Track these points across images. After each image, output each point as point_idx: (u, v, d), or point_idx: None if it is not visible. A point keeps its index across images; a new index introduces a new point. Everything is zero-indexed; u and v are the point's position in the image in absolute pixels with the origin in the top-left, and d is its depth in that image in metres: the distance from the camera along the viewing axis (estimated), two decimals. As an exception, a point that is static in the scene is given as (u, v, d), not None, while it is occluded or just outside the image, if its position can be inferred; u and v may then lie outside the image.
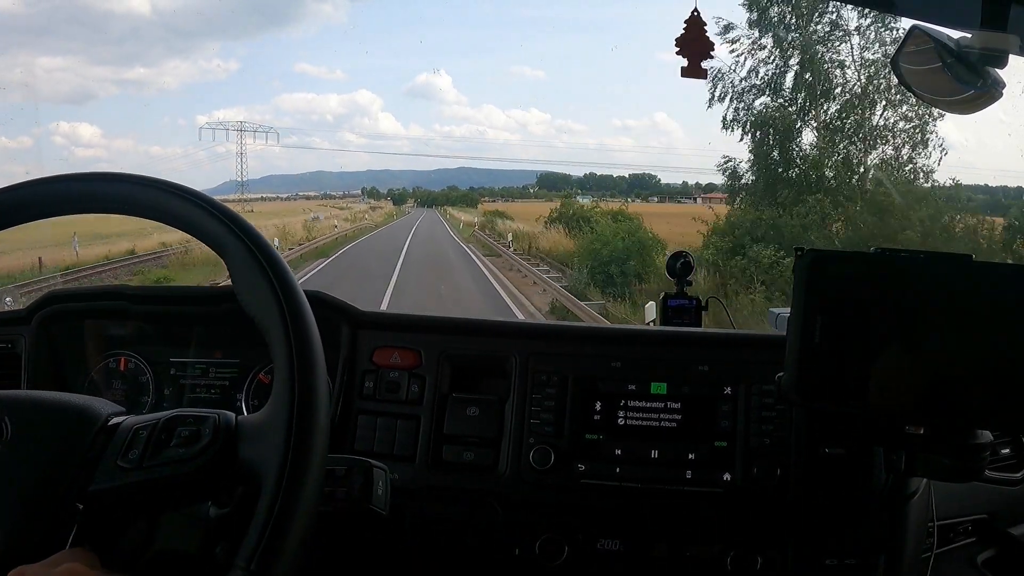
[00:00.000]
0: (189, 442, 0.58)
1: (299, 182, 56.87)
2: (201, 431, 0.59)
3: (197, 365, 1.17)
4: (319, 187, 48.89)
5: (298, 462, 0.54)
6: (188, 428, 0.59)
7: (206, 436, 0.58)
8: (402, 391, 1.02)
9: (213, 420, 0.59)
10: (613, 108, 73.46)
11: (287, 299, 0.59)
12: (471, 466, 0.98)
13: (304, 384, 0.57)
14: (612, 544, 0.97)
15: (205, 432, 0.59)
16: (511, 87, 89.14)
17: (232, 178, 47.39)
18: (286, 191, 48.65)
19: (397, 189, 56.47)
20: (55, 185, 0.66)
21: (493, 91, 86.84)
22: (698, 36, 1.17)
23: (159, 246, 15.48)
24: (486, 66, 77.92)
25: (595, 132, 71.24)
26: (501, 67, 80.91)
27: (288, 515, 0.53)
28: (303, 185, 53.07)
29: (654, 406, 0.97)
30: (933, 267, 0.77)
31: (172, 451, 0.58)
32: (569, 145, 73.69)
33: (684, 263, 1.30)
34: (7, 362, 1.11)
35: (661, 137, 78.57)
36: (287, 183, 55.34)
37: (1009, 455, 1.17)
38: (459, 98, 75.99)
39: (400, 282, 12.27)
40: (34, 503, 0.56)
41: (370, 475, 0.68)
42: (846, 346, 0.76)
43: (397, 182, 51.58)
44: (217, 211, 0.63)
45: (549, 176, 58.18)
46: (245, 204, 40.41)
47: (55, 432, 0.59)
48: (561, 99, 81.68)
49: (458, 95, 77.49)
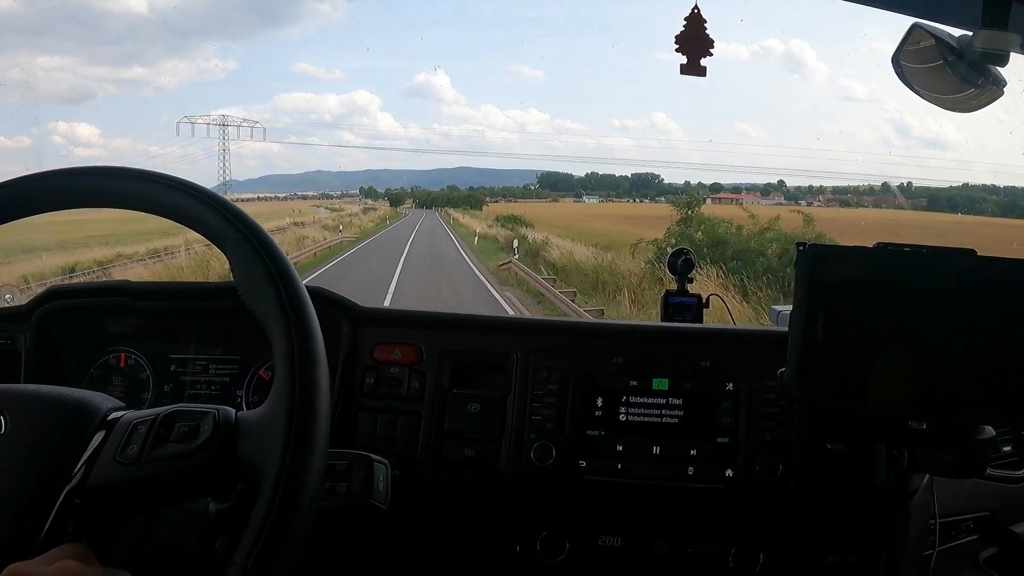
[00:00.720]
0: (188, 438, 0.58)
1: (298, 182, 56.56)
2: (200, 427, 0.58)
3: (197, 361, 1.17)
4: (318, 187, 48.17)
5: (298, 460, 0.54)
6: (187, 424, 0.59)
7: (205, 432, 0.58)
8: (403, 387, 1.02)
9: (212, 416, 0.59)
10: (612, 108, 73.71)
11: (288, 294, 0.59)
12: (472, 462, 0.98)
13: (304, 381, 0.56)
14: (613, 541, 0.96)
15: (204, 428, 0.58)
16: (510, 87, 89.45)
17: (232, 177, 46.17)
18: (284, 191, 47.92)
19: (395, 189, 55.12)
20: (54, 180, 0.65)
21: (492, 91, 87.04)
22: (698, 33, 1.17)
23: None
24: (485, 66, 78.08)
25: (594, 132, 71.47)
26: (500, 67, 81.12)
27: (287, 513, 0.53)
28: (302, 185, 52.62)
29: (656, 402, 0.97)
30: (936, 262, 0.76)
31: (171, 446, 0.58)
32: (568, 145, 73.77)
33: (685, 260, 1.30)
34: (7, 358, 1.11)
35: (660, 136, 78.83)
36: (286, 183, 55.04)
37: (1011, 452, 1.17)
38: (458, 98, 76.13)
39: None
40: (32, 498, 0.55)
41: (371, 470, 0.68)
42: (848, 342, 0.76)
43: (396, 182, 50.61)
44: (218, 205, 0.62)
45: (550, 176, 57.82)
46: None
47: (53, 426, 0.59)
48: (560, 99, 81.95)
49: (457, 95, 77.66)
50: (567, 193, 65.17)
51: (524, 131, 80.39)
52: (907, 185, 40.34)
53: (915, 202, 33.17)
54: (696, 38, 1.17)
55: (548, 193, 66.68)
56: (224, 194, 5.75)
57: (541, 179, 62.01)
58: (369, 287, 10.38)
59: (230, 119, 44.92)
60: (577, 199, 63.30)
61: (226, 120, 44.39)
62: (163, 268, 12.60)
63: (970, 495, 1.10)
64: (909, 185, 40.27)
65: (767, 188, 49.24)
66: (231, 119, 44.63)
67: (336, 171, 69.34)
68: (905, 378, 0.76)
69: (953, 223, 22.77)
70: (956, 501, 1.05)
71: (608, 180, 68.30)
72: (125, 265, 13.58)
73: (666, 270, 1.34)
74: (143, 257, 14.88)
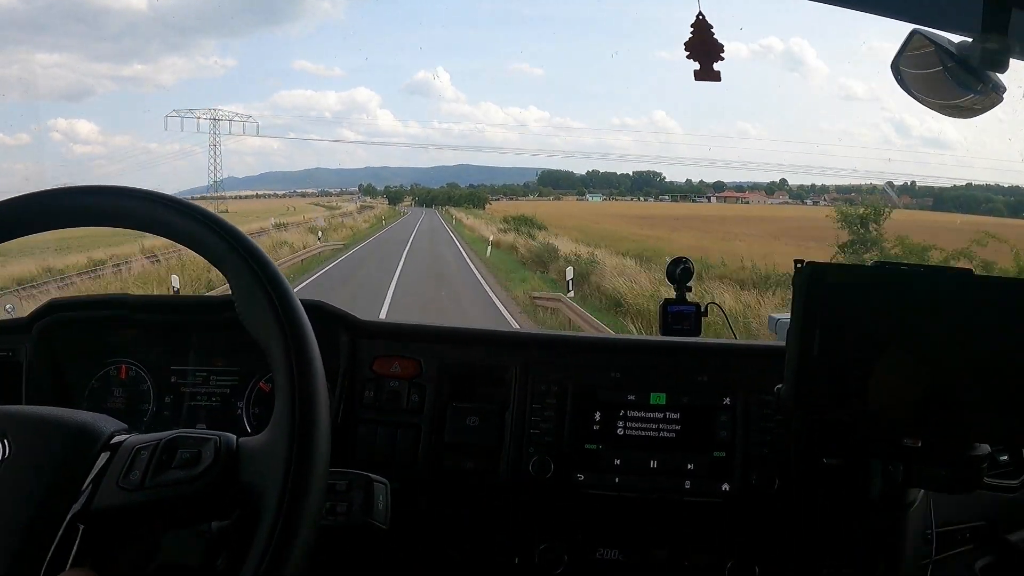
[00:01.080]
0: (190, 464, 0.59)
1: (297, 179, 56.06)
2: (202, 453, 0.59)
3: (198, 373, 1.17)
4: (317, 184, 47.50)
5: (299, 485, 0.55)
6: (189, 450, 0.59)
7: (207, 458, 0.59)
8: (402, 400, 1.02)
9: (214, 442, 0.60)
10: (612, 106, 73.11)
11: (288, 318, 0.59)
12: (471, 475, 0.99)
13: (304, 411, 0.57)
14: (611, 553, 0.97)
15: (206, 454, 0.59)
16: (510, 84, 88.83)
17: (231, 174, 44.99)
18: (284, 188, 47.21)
19: (395, 186, 53.61)
20: (58, 199, 0.66)
21: (492, 88, 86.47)
22: (705, 39, 1.16)
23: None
24: (485, 63, 77.58)
25: (594, 130, 70.85)
26: (500, 64, 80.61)
27: (288, 537, 0.53)
28: (301, 182, 52.02)
29: (653, 416, 0.97)
30: (932, 280, 0.77)
31: (173, 473, 0.58)
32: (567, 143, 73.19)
33: (684, 269, 1.30)
34: (8, 370, 1.12)
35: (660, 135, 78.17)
36: (285, 180, 54.48)
37: (1007, 462, 1.17)
38: (457, 95, 75.51)
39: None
40: (36, 522, 0.56)
41: (370, 490, 0.68)
42: (844, 358, 0.77)
43: (396, 179, 49.72)
44: (219, 227, 0.63)
45: (551, 173, 56.88)
46: (219, 202, 34.40)
47: (56, 450, 0.59)
48: (560, 97, 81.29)
49: (456, 92, 77.10)
50: (569, 191, 64.85)
51: (524, 129, 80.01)
52: (911, 184, 39.66)
53: (920, 201, 32.74)
54: (704, 43, 1.16)
55: (550, 191, 66.39)
56: (216, 192, 5.40)
57: (542, 177, 61.25)
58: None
59: (220, 113, 42.56)
60: (580, 197, 62.81)
61: (217, 115, 41.77)
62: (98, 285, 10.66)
63: (967, 505, 1.10)
64: (912, 184, 39.64)
65: (771, 187, 48.13)
66: (222, 113, 42.13)
67: (336, 168, 69.07)
68: (901, 395, 0.76)
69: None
70: (953, 511, 1.05)
71: (610, 178, 67.90)
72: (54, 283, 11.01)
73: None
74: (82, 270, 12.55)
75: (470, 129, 78.86)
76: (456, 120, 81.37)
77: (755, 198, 37.98)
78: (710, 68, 1.16)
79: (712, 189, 42.86)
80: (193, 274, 10.26)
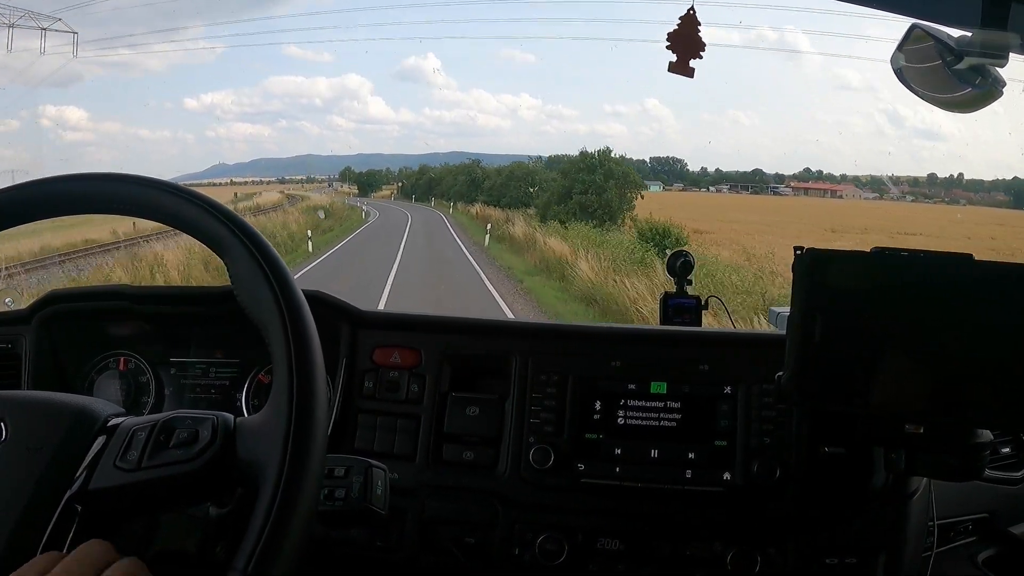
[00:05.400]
0: (187, 443, 0.58)
1: (288, 166, 55.07)
2: (199, 432, 0.59)
3: (197, 365, 1.17)
4: (308, 171, 46.09)
5: (296, 465, 0.54)
6: (186, 429, 0.59)
7: (204, 437, 0.58)
8: (402, 390, 1.02)
9: (211, 422, 0.59)
10: (604, 93, 72.33)
11: (286, 301, 0.59)
12: (471, 465, 0.99)
13: (303, 387, 0.57)
14: (612, 543, 0.97)
15: (203, 433, 0.59)
16: (501, 71, 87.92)
17: (222, 161, 43.26)
18: (274, 175, 46.02)
19: (379, 170, 47.46)
20: (55, 186, 0.66)
21: (483, 75, 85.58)
22: (690, 34, 1.17)
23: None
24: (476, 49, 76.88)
25: (586, 118, 70.05)
26: (491, 51, 79.98)
27: (285, 518, 0.53)
28: (291, 169, 50.89)
29: (654, 405, 0.97)
30: (933, 266, 0.77)
31: (171, 452, 0.58)
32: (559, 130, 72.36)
33: (684, 262, 1.30)
34: (8, 362, 1.12)
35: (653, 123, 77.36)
36: (276, 167, 53.47)
37: (1009, 454, 1.17)
38: (448, 82, 74.85)
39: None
40: (33, 503, 0.56)
41: (369, 475, 0.68)
42: (845, 346, 0.76)
43: (388, 166, 47.24)
44: (217, 212, 0.63)
45: (556, 160, 53.87)
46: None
47: (53, 432, 0.59)
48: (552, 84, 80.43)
49: (447, 79, 76.49)
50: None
51: (516, 116, 79.78)
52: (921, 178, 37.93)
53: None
54: (688, 38, 1.16)
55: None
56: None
57: (546, 165, 59.35)
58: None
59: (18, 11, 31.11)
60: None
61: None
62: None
63: (969, 497, 1.10)
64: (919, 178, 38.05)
65: (841, 179, 41.49)
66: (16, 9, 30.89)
67: (327, 155, 68.42)
68: (903, 382, 0.76)
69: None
70: (955, 502, 1.05)
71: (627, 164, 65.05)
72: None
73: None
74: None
75: (462, 116, 78.83)
76: (448, 107, 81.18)
77: (847, 191, 33.01)
78: (686, 63, 1.16)
79: (773, 180, 38.63)
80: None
